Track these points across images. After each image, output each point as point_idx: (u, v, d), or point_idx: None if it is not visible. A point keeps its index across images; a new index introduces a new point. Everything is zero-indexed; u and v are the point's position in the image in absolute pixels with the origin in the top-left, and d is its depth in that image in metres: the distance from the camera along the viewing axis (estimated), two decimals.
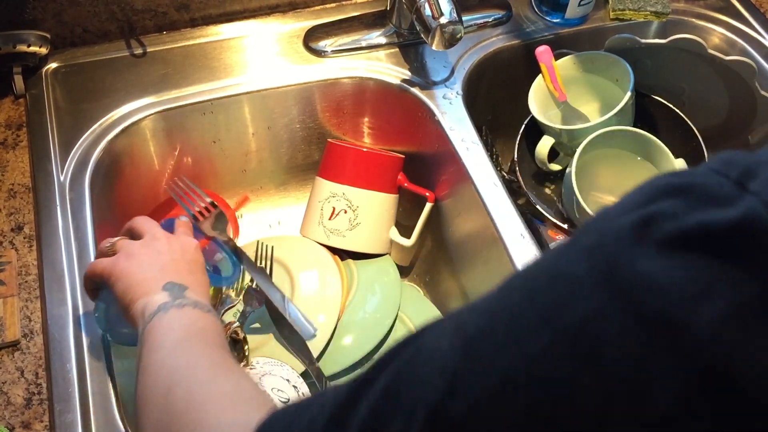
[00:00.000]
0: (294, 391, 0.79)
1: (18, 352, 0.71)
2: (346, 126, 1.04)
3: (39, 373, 0.70)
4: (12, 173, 0.85)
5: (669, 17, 1.04)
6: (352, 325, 0.89)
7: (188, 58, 0.98)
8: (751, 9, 1.06)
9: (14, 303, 0.74)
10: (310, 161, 1.07)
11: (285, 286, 0.90)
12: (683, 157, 0.91)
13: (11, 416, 0.67)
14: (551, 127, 0.94)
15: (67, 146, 0.88)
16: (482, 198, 0.87)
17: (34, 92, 0.93)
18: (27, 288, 0.76)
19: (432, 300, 1.01)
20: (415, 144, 1.01)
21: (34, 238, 0.80)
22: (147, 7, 0.98)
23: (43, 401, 0.68)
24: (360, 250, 0.98)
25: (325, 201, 0.97)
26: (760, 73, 0.96)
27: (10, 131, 0.89)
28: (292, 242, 0.99)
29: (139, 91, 0.94)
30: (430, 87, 0.97)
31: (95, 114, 0.91)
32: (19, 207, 0.82)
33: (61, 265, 0.78)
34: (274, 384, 0.78)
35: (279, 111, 1.00)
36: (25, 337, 0.72)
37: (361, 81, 0.99)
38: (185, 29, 1.02)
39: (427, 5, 0.87)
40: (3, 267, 0.77)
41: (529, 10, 1.07)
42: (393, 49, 1.01)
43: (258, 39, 1.02)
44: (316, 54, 1.00)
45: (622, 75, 0.94)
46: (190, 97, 0.94)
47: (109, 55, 0.98)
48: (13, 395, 0.69)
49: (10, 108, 0.92)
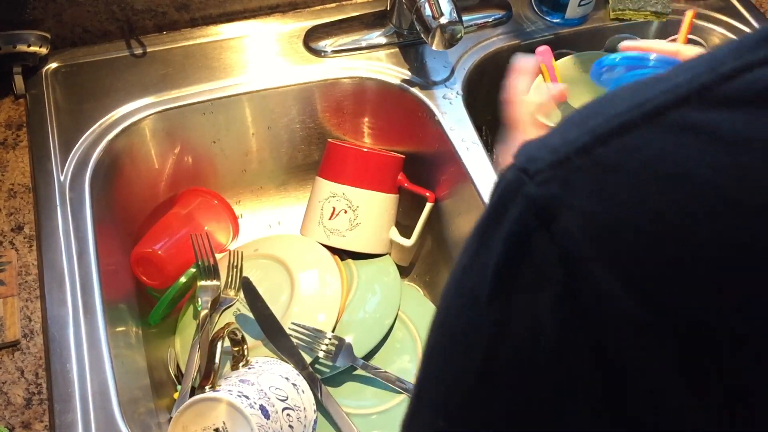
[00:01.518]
0: (293, 389, 0.79)
1: (18, 352, 0.71)
2: (346, 126, 1.04)
3: (39, 373, 0.70)
4: (12, 173, 0.85)
5: (669, 17, 1.04)
6: (352, 325, 0.89)
7: (188, 58, 0.98)
8: (751, 9, 1.06)
9: (14, 303, 0.74)
10: (310, 161, 1.07)
11: (285, 286, 0.90)
12: None
13: (11, 416, 0.67)
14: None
15: (67, 146, 0.88)
16: (482, 198, 0.87)
17: (34, 92, 0.93)
18: (27, 288, 0.76)
19: (432, 300, 1.01)
20: (415, 144, 1.01)
21: (34, 238, 0.80)
22: (147, 7, 0.98)
23: (43, 401, 0.68)
24: (360, 250, 0.98)
25: (325, 201, 0.97)
26: None
27: (10, 131, 0.89)
28: (292, 242, 0.99)
29: (139, 91, 0.94)
30: (430, 87, 0.97)
31: (95, 114, 0.91)
32: (19, 207, 0.82)
33: (61, 265, 0.78)
34: (273, 382, 0.78)
35: (279, 111, 1.00)
36: (25, 337, 0.72)
37: (361, 81, 0.99)
38: (185, 29, 1.02)
39: (427, 5, 0.87)
40: (3, 267, 0.77)
41: (529, 10, 1.07)
42: (393, 49, 1.01)
43: (258, 39, 1.02)
44: (316, 54, 1.00)
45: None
46: (190, 97, 0.94)
47: (109, 55, 0.98)
48: (13, 395, 0.69)
49: (10, 108, 0.92)
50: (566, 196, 0.26)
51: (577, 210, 0.26)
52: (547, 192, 0.26)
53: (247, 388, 0.75)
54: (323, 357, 0.85)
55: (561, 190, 0.26)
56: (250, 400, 0.73)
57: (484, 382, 0.29)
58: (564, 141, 0.27)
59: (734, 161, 0.24)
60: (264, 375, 0.78)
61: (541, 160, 0.27)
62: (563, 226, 0.26)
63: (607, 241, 0.25)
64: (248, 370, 0.80)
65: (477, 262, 0.29)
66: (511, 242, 0.27)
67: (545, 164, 0.27)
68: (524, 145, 0.30)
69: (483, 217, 0.30)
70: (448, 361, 0.31)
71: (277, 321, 0.85)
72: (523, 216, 0.27)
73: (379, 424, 0.85)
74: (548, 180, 0.26)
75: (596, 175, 0.26)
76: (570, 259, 0.26)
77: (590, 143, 0.26)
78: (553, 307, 0.27)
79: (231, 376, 0.79)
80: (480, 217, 0.30)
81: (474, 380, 0.30)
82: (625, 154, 0.26)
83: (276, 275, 0.91)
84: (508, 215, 0.28)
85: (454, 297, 0.31)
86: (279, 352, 0.84)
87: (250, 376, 0.77)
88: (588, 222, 0.26)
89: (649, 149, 0.25)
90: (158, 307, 0.89)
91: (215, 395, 0.72)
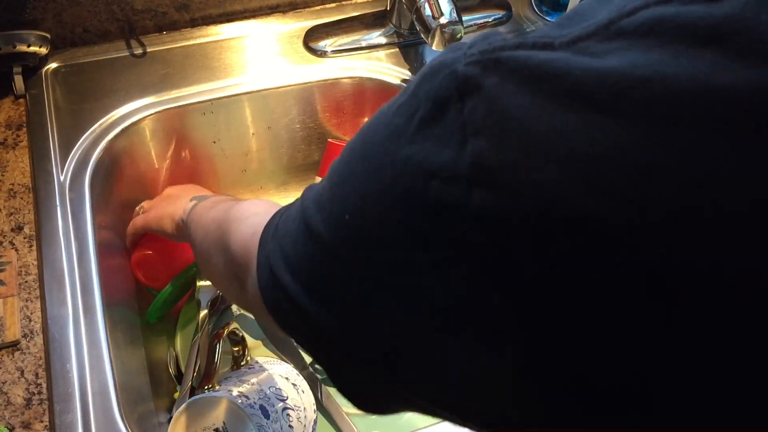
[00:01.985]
0: (293, 389, 0.79)
1: (18, 352, 0.71)
2: (346, 126, 1.04)
3: (39, 373, 0.70)
4: (12, 173, 0.85)
5: None
6: None
7: (188, 58, 0.98)
8: None
9: (14, 303, 0.74)
10: (310, 161, 1.07)
11: None
12: None
13: (11, 416, 0.67)
14: None
15: (67, 146, 0.88)
16: None
17: (34, 92, 0.93)
18: (27, 288, 0.76)
19: None
20: None
21: (34, 238, 0.80)
22: (147, 7, 0.98)
23: (43, 401, 0.68)
24: None
25: None
26: None
27: (10, 131, 0.89)
28: None
29: (139, 91, 0.94)
30: None
31: (95, 114, 0.91)
32: (19, 207, 0.82)
33: (61, 265, 0.78)
34: (273, 382, 0.78)
35: (279, 111, 1.00)
36: (25, 337, 0.72)
37: (361, 81, 0.99)
38: (185, 29, 1.02)
39: (427, 5, 0.87)
40: (3, 267, 0.77)
41: (529, 10, 1.07)
42: (393, 49, 1.01)
43: (258, 39, 1.02)
44: (316, 54, 1.00)
45: None
46: (190, 97, 0.94)
47: (109, 55, 0.98)
48: (13, 395, 0.69)
49: (10, 108, 0.92)
50: (482, 78, 0.31)
51: (484, 92, 0.31)
52: (470, 72, 0.32)
53: (247, 388, 0.75)
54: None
55: (480, 72, 0.31)
56: (250, 400, 0.73)
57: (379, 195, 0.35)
58: (502, 38, 0.33)
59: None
60: (264, 375, 0.79)
61: (477, 46, 0.33)
62: (470, 105, 0.31)
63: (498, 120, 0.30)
64: (248, 370, 0.80)
65: (407, 106, 0.35)
66: (435, 101, 0.33)
67: (478, 50, 0.32)
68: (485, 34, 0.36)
69: (423, 73, 0.35)
70: (362, 178, 0.36)
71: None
72: (446, 84, 0.33)
73: (379, 424, 0.85)
74: (474, 63, 0.32)
75: (507, 69, 0.31)
76: (468, 132, 0.31)
77: (517, 44, 0.31)
78: (449, 160, 0.31)
79: (231, 376, 0.79)
80: (421, 73, 0.36)
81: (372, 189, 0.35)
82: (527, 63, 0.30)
83: None
84: (440, 79, 0.33)
85: (380, 125, 0.36)
86: (279, 352, 0.84)
87: (250, 376, 0.78)
88: (488, 104, 0.30)
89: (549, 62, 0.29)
90: (155, 304, 0.89)
91: (215, 395, 0.72)
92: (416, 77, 0.36)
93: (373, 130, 0.37)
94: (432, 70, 0.34)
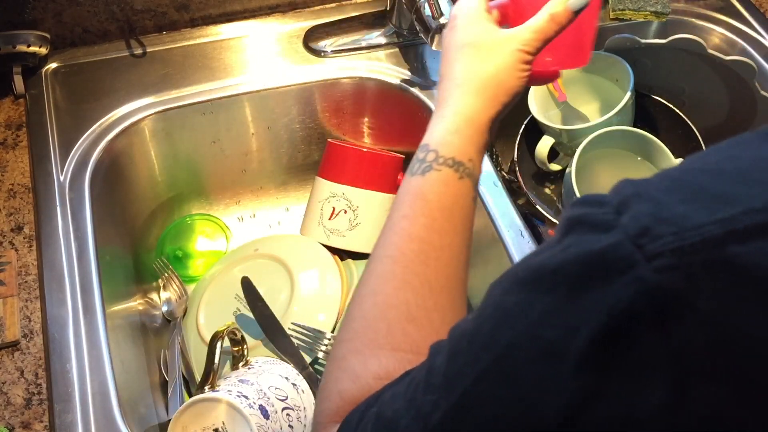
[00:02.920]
0: (293, 389, 0.79)
1: (18, 352, 0.71)
2: (346, 126, 1.04)
3: (39, 373, 0.70)
4: (12, 173, 0.85)
5: (669, 17, 1.04)
6: None
7: (188, 58, 0.98)
8: (751, 9, 1.06)
9: (14, 303, 0.74)
10: (310, 161, 1.07)
11: (285, 286, 0.90)
12: (683, 157, 0.91)
13: (11, 416, 0.67)
14: (551, 127, 0.94)
15: (67, 146, 0.88)
16: (482, 198, 0.87)
17: (34, 92, 0.93)
18: (27, 288, 0.76)
19: None
20: (415, 144, 0.99)
21: (34, 238, 0.80)
22: (147, 7, 0.98)
23: (43, 401, 0.68)
24: (360, 250, 0.98)
25: (325, 201, 0.97)
26: (760, 73, 0.96)
27: (10, 131, 0.89)
28: (292, 241, 0.99)
29: (139, 91, 0.94)
30: (430, 87, 0.97)
31: (95, 114, 0.91)
32: (19, 207, 0.82)
33: (61, 265, 0.78)
34: (273, 382, 0.78)
35: (279, 111, 1.00)
36: (25, 337, 0.72)
37: (361, 81, 0.99)
38: (185, 29, 1.02)
39: (427, 5, 0.87)
40: (3, 267, 0.77)
41: None
42: (393, 49, 1.01)
43: (258, 39, 1.02)
44: (316, 54, 1.00)
45: (622, 75, 0.94)
46: (190, 97, 0.94)
47: (109, 55, 0.98)
48: (13, 395, 0.69)
49: (10, 108, 0.92)
50: (690, 294, 0.22)
51: (702, 315, 0.22)
52: (667, 283, 0.23)
53: (246, 388, 0.75)
54: (323, 357, 0.85)
55: (685, 285, 0.22)
56: (249, 400, 0.73)
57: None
58: (688, 223, 0.23)
59: None
60: (264, 375, 0.79)
61: (661, 240, 0.23)
62: (685, 335, 0.23)
63: (729, 357, 0.22)
64: (248, 370, 0.80)
65: (562, 315, 0.26)
66: (616, 319, 0.24)
67: (666, 248, 0.23)
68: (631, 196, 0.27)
69: (566, 262, 0.26)
70: (506, 404, 0.28)
71: (277, 321, 0.85)
72: (635, 299, 0.24)
73: None
74: (669, 268, 0.23)
75: (728, 276, 0.22)
76: (685, 372, 0.23)
77: (723, 238, 0.23)
78: (654, 408, 0.24)
79: (231, 376, 0.79)
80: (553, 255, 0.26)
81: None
82: (764, 258, 0.22)
83: (276, 275, 0.91)
84: (613, 286, 0.24)
85: (524, 337, 0.27)
86: (279, 352, 0.84)
87: (249, 376, 0.78)
88: (715, 334, 0.22)
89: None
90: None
91: (215, 395, 0.72)
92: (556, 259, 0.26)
93: (507, 339, 0.28)
94: (592, 266, 0.25)
